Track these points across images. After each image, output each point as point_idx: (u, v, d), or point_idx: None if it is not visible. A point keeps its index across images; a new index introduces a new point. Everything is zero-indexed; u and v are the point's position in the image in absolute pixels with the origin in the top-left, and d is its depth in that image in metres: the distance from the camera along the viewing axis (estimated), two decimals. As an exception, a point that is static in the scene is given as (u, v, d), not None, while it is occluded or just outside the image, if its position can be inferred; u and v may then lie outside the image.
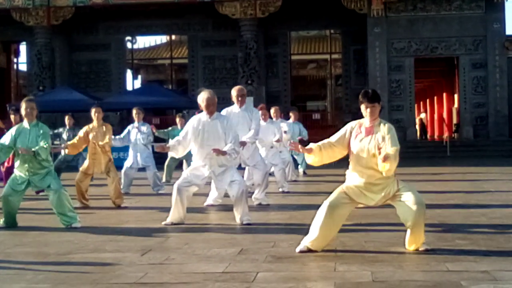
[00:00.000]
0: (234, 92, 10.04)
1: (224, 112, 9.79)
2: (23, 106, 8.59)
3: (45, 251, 6.73)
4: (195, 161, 8.41)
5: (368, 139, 6.17)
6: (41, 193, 12.30)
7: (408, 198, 6.09)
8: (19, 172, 8.51)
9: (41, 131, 8.48)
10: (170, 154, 9.46)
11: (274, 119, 13.83)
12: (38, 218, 9.56)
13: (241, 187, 8.23)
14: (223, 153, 8.10)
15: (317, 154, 6.38)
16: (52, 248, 6.87)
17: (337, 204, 6.19)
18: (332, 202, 6.20)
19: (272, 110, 14.26)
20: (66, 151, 10.85)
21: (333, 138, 6.38)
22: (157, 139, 15.29)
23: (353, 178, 6.25)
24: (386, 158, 5.85)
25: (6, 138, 8.54)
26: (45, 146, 8.32)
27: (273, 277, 5.31)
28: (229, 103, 10.22)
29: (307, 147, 6.38)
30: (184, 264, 5.90)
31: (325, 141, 6.39)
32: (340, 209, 6.22)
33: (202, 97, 8.30)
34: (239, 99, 9.91)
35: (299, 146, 6.49)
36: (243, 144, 9.44)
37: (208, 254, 6.32)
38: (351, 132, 6.29)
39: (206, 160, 8.24)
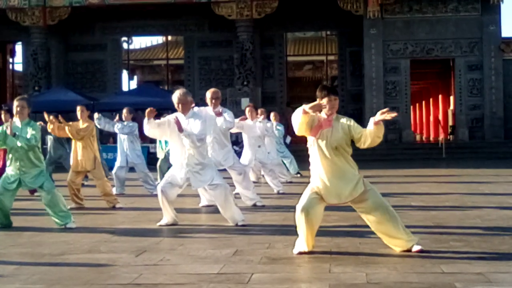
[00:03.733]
0: (208, 94, 10.03)
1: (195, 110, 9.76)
2: (14, 104, 8.60)
3: (40, 251, 6.72)
4: (173, 162, 8.41)
5: (329, 131, 6.20)
6: (35, 194, 12.29)
7: (371, 205, 6.17)
8: (10, 170, 8.50)
9: (32, 129, 8.42)
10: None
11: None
12: (32, 218, 9.54)
13: (223, 191, 8.16)
14: (180, 128, 8.06)
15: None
16: (46, 249, 6.86)
17: (310, 206, 6.16)
18: (305, 205, 6.16)
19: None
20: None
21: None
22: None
23: (317, 177, 6.21)
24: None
25: None
26: (28, 137, 8.28)
27: (268, 278, 5.31)
28: (225, 103, 10.21)
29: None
30: (179, 265, 5.89)
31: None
32: (315, 209, 6.19)
33: (174, 96, 8.35)
34: (213, 101, 9.83)
35: None
36: (218, 114, 9.62)
37: (203, 255, 6.32)
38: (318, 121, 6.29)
39: (183, 159, 8.20)
